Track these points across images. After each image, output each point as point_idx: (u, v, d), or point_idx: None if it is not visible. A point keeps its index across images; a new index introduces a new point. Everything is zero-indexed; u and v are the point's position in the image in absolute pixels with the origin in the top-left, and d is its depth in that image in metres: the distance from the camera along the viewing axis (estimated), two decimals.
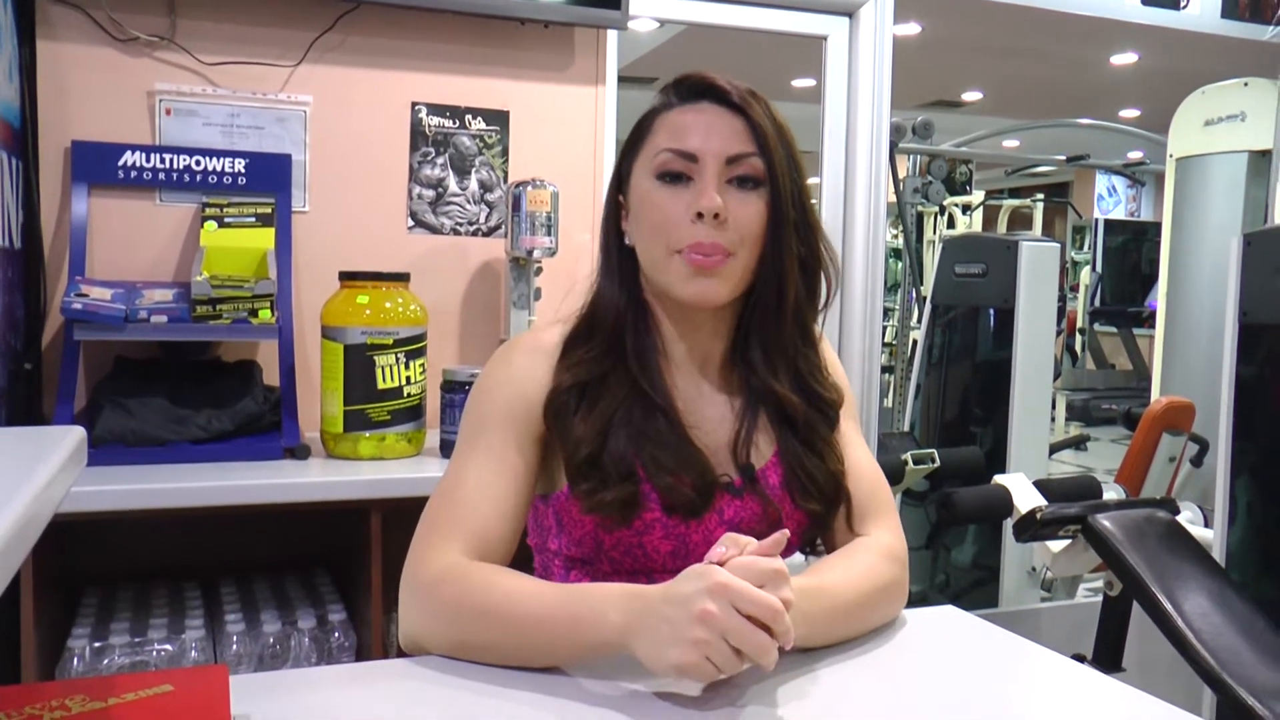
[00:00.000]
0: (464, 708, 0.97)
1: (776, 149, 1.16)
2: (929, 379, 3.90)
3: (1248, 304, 2.34)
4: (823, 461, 1.23)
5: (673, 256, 1.15)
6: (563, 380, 1.18)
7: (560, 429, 1.17)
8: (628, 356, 1.20)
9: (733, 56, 6.41)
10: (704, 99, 1.18)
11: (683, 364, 1.24)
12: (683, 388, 1.23)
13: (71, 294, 1.99)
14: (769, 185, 1.16)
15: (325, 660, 2.01)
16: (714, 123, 1.16)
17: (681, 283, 1.16)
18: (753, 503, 1.21)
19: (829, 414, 1.26)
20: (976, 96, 8.42)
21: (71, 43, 2.25)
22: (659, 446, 1.16)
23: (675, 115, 1.18)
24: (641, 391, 1.18)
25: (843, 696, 1.02)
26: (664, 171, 1.16)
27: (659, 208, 1.16)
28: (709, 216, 1.13)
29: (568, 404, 1.17)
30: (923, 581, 3.72)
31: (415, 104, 2.52)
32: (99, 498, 1.77)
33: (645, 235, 1.18)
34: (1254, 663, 1.75)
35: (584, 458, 1.15)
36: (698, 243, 1.14)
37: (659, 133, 1.19)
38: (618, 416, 1.17)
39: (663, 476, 1.15)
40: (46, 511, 0.76)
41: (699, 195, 1.14)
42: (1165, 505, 2.15)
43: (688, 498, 1.16)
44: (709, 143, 1.15)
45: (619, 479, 1.14)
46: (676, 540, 1.17)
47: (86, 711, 0.80)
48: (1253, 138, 4.41)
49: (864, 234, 3.01)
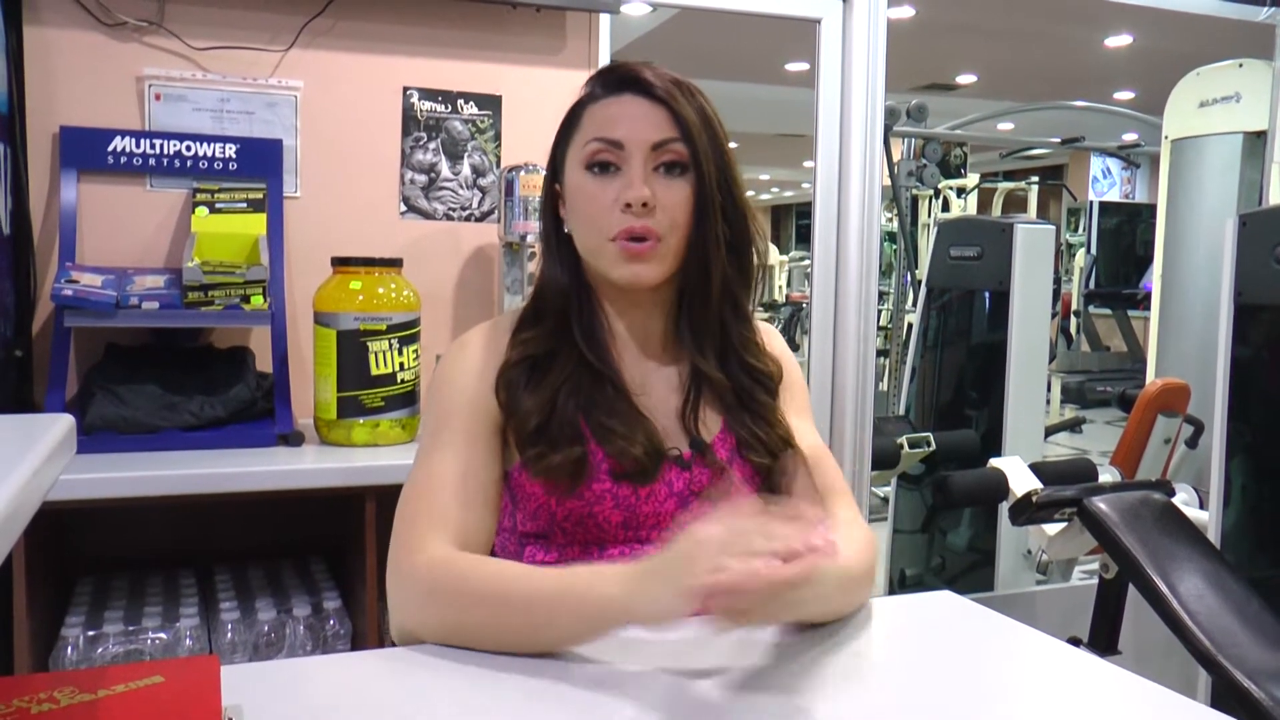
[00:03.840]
0: (461, 695, 0.97)
1: (700, 136, 1.20)
2: (924, 362, 3.90)
3: (1243, 285, 2.33)
4: (769, 426, 1.27)
5: (606, 243, 1.19)
6: (513, 355, 1.23)
7: (510, 401, 1.21)
8: (575, 334, 1.24)
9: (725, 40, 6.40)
10: (628, 91, 1.21)
11: (627, 341, 1.28)
12: (629, 363, 1.27)
13: (62, 280, 1.97)
14: (694, 171, 1.20)
15: (320, 648, 2.01)
16: (639, 113, 1.20)
17: (615, 267, 1.20)
18: (701, 475, 1.23)
19: (766, 383, 1.29)
20: (971, 79, 8.40)
21: (59, 27, 2.23)
22: (607, 414, 1.20)
23: (601, 108, 1.22)
24: (589, 364, 1.22)
25: (840, 682, 1.02)
26: (593, 162, 1.20)
27: (590, 198, 1.20)
28: (637, 206, 1.17)
29: (518, 379, 1.21)
30: (918, 565, 3.73)
31: (407, 89, 2.50)
32: (91, 485, 1.76)
33: (579, 224, 1.23)
34: (1249, 644, 1.75)
35: (533, 426, 1.18)
36: (628, 228, 1.18)
37: (587, 125, 1.22)
38: (566, 386, 1.21)
39: (613, 440, 1.18)
40: (34, 499, 0.75)
41: (627, 186, 1.18)
42: (1160, 487, 2.16)
43: (636, 460, 1.18)
44: (635, 131, 1.19)
45: (566, 443, 1.17)
46: (626, 510, 1.19)
47: (75, 704, 0.79)
48: (1248, 119, 4.41)
49: (859, 218, 3.00)
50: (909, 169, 5.83)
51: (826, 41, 2.99)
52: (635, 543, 1.19)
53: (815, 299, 3.06)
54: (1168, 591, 1.87)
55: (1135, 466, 3.49)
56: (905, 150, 6.04)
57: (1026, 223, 3.45)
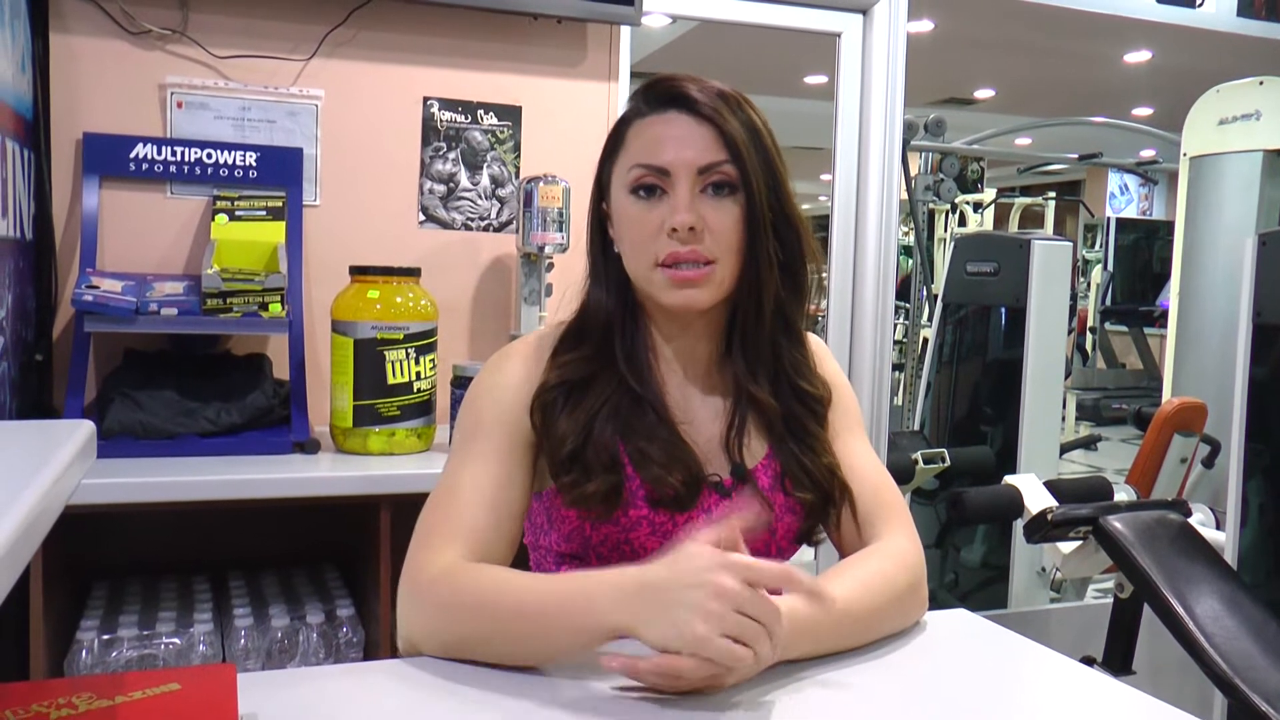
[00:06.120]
0: (474, 707, 0.96)
1: (749, 154, 1.16)
2: (939, 377, 3.89)
3: (1262, 304, 2.32)
4: (816, 455, 1.24)
5: (653, 270, 1.17)
6: (550, 378, 1.20)
7: (546, 425, 1.18)
8: (617, 358, 1.21)
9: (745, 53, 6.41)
10: (673, 108, 1.18)
11: (673, 364, 1.25)
12: (673, 387, 1.24)
13: (82, 286, 1.99)
14: (743, 191, 1.16)
15: (333, 656, 2.01)
16: (685, 135, 1.16)
17: (664, 293, 1.17)
18: (742, 502, 1.20)
19: (815, 409, 1.26)
20: (989, 94, 8.38)
21: (84, 35, 2.25)
22: (647, 440, 1.17)
23: (646, 126, 1.19)
24: (630, 388, 1.20)
25: (851, 699, 1.01)
26: (638, 186, 1.17)
27: (636, 222, 1.17)
28: (683, 231, 1.14)
29: (554, 401, 1.19)
30: (932, 581, 3.70)
31: (427, 99, 2.52)
32: (108, 490, 1.77)
33: (626, 249, 1.20)
34: (1266, 667, 1.74)
35: (568, 452, 1.16)
36: (675, 253, 1.15)
37: (631, 144, 1.19)
38: (604, 410, 1.18)
39: (650, 468, 1.16)
40: (57, 505, 0.76)
41: (673, 211, 1.15)
42: (1177, 507, 2.14)
43: (674, 489, 1.16)
44: (681, 155, 1.15)
45: (602, 470, 1.15)
46: (663, 537, 1.17)
47: (93, 709, 0.79)
48: (1268, 137, 4.38)
49: (876, 231, 3.00)
50: (926, 183, 5.82)
51: (846, 55, 2.99)
52: None
53: (831, 312, 3.06)
54: (1184, 612, 1.85)
55: (1151, 486, 3.46)
56: (923, 164, 6.03)
57: (1043, 239, 3.44)
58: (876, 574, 1.16)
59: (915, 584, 1.20)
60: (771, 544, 1.23)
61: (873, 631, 1.14)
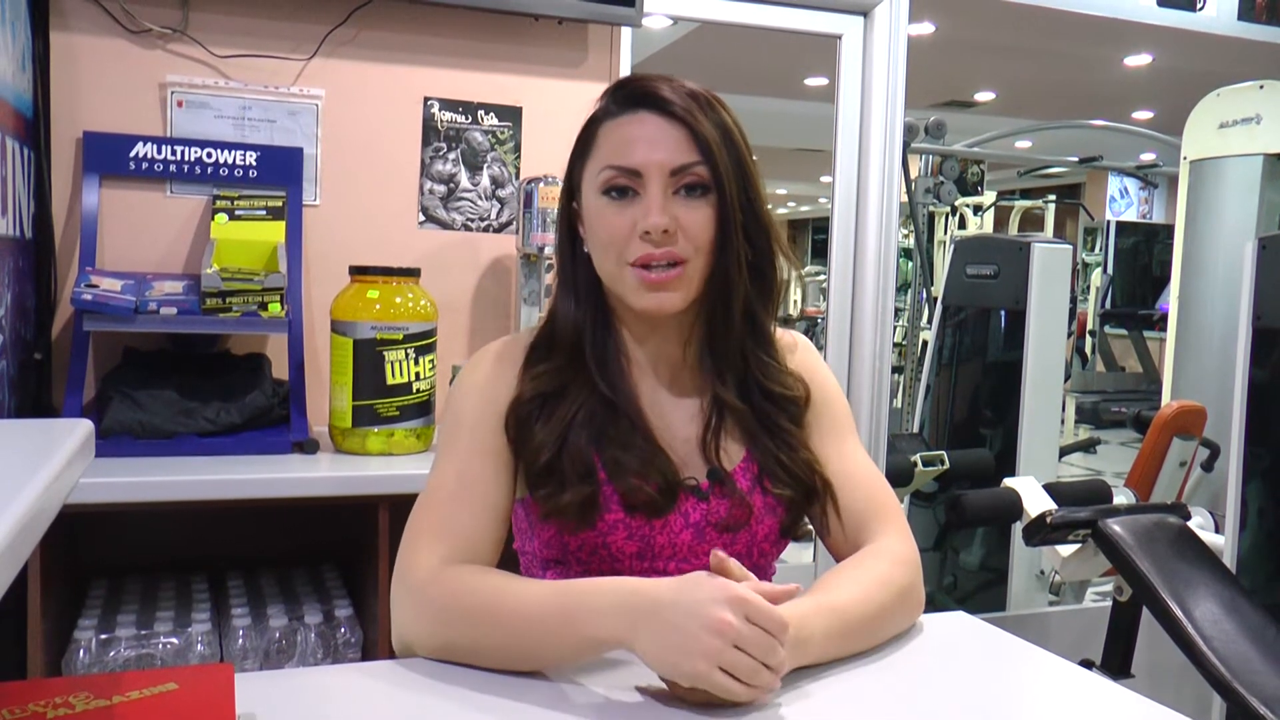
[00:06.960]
0: (472, 708, 0.96)
1: (721, 155, 1.15)
2: (939, 380, 3.89)
3: (1262, 308, 2.32)
4: (793, 451, 1.23)
5: (625, 269, 1.16)
6: (524, 391, 1.19)
7: (520, 438, 1.18)
8: (588, 365, 1.21)
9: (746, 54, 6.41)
10: (644, 108, 1.17)
11: (645, 367, 1.24)
12: (647, 390, 1.24)
13: (82, 285, 1.99)
14: (716, 192, 1.15)
15: (331, 656, 2.01)
16: (656, 136, 1.15)
17: (636, 295, 1.16)
18: (719, 505, 1.20)
19: (789, 409, 1.25)
20: (989, 97, 8.39)
21: (84, 34, 2.25)
22: (622, 449, 1.17)
23: (617, 127, 1.17)
24: (603, 395, 1.19)
25: (851, 702, 1.01)
26: (609, 187, 1.16)
27: (607, 224, 1.16)
28: (656, 233, 1.13)
29: (530, 414, 1.18)
30: (930, 583, 3.71)
31: (427, 99, 2.52)
32: (107, 489, 1.76)
33: (597, 250, 1.19)
34: (1265, 670, 1.74)
35: (543, 464, 1.16)
36: (648, 254, 1.14)
37: (602, 145, 1.18)
38: (578, 419, 1.17)
39: (625, 478, 1.15)
40: (55, 503, 0.75)
41: (645, 213, 1.14)
42: (1176, 510, 2.14)
43: (650, 497, 1.15)
44: (652, 156, 1.14)
45: (577, 479, 1.15)
46: (640, 541, 1.16)
47: (91, 709, 0.79)
48: (1268, 141, 4.39)
49: (876, 233, 3.00)
50: (926, 186, 5.81)
51: (847, 57, 2.99)
52: (651, 572, 1.15)
53: (831, 314, 3.06)
54: (1183, 616, 1.85)
55: (1150, 489, 3.47)
56: (923, 167, 6.02)
57: (1043, 242, 3.44)
58: (874, 576, 1.16)
59: (912, 584, 1.19)
60: (752, 547, 1.22)
61: (875, 635, 1.14)
